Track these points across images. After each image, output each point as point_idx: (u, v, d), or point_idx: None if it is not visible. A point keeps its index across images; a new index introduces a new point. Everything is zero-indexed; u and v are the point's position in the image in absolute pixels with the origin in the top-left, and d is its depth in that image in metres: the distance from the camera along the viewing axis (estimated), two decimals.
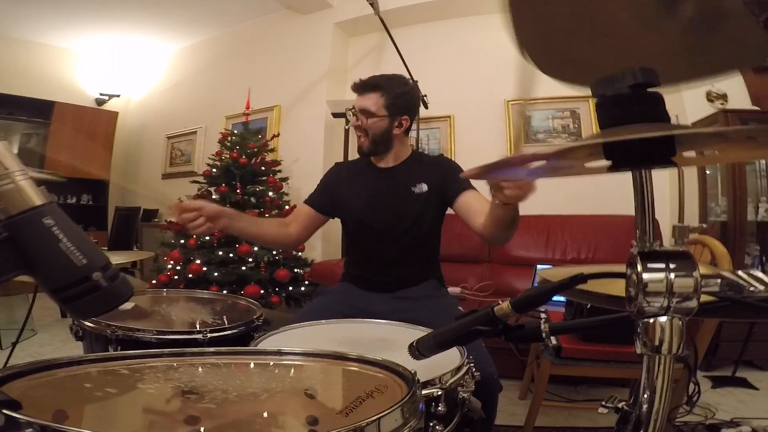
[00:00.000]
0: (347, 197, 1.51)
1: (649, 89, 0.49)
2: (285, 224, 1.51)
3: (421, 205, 1.45)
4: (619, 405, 0.57)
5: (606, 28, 0.58)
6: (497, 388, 1.08)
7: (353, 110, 1.45)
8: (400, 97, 1.43)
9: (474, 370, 0.87)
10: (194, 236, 3.13)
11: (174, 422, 0.59)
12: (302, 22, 4.19)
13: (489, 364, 1.08)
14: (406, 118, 1.45)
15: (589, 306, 1.39)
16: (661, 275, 0.47)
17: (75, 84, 5.45)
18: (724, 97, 2.99)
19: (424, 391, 0.72)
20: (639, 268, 0.48)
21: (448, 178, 1.43)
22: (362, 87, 1.44)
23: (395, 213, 1.45)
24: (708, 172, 2.93)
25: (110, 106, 5.66)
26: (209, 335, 1.05)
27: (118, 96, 5.74)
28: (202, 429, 0.56)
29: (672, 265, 0.47)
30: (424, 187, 1.45)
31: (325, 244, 3.70)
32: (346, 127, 3.60)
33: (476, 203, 1.35)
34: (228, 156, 3.38)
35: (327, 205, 1.53)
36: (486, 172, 0.53)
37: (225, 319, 1.21)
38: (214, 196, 3.32)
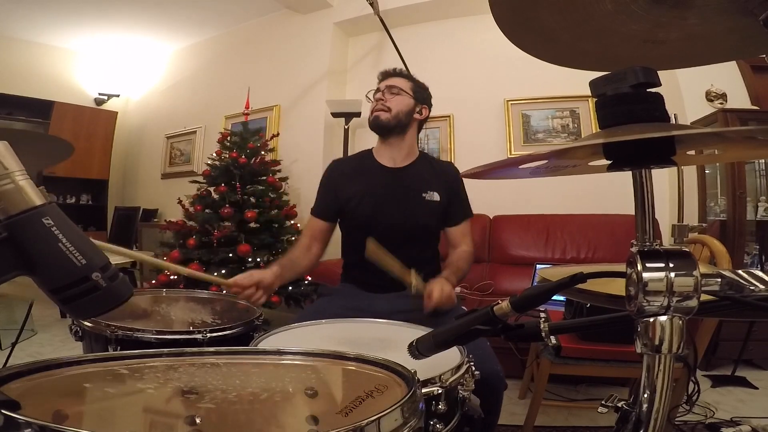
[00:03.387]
0: (352, 196, 1.47)
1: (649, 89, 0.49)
2: (308, 248, 1.50)
3: (432, 215, 1.45)
4: (619, 404, 0.57)
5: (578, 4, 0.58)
6: (502, 387, 1.08)
7: (377, 89, 1.51)
8: (424, 89, 1.56)
9: (474, 368, 0.87)
10: (194, 238, 3.13)
11: (174, 422, 0.59)
12: (302, 22, 4.18)
13: (494, 363, 1.08)
14: (426, 108, 1.53)
15: (588, 305, 1.39)
16: (661, 274, 0.47)
17: (74, 84, 5.45)
18: (723, 96, 2.99)
19: (423, 390, 0.72)
20: (639, 267, 0.48)
21: (456, 197, 1.49)
22: (392, 72, 1.54)
23: (405, 217, 1.43)
24: (707, 171, 2.93)
25: (109, 105, 5.66)
26: (209, 335, 1.05)
27: (118, 96, 5.74)
28: (201, 429, 0.56)
29: (672, 264, 0.47)
30: (436, 197, 1.46)
31: None
32: (346, 127, 3.60)
33: (459, 238, 1.51)
34: (227, 156, 3.38)
35: (333, 211, 1.51)
36: (488, 171, 0.53)
37: (225, 319, 1.20)
38: (213, 196, 3.32)
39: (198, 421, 0.57)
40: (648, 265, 0.48)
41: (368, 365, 0.75)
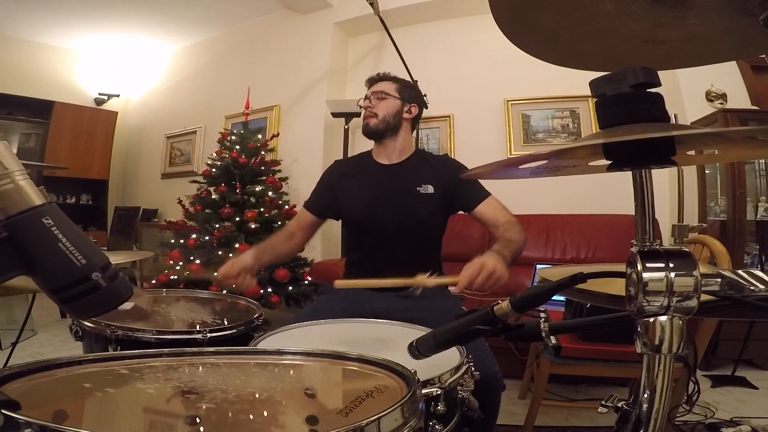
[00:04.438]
0: (349, 195, 1.50)
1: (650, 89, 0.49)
2: (291, 236, 1.53)
3: (427, 207, 1.45)
4: (619, 404, 0.57)
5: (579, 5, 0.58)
6: (500, 387, 1.08)
7: (365, 97, 1.53)
8: (410, 88, 1.56)
9: (473, 369, 0.87)
10: (194, 238, 3.13)
11: (174, 422, 0.59)
12: (302, 22, 4.18)
13: (492, 363, 1.08)
14: (415, 106, 1.54)
15: (588, 305, 1.39)
16: (661, 274, 0.47)
17: (74, 84, 5.44)
18: (723, 96, 2.99)
19: (423, 391, 0.72)
20: (639, 267, 0.48)
21: (460, 184, 1.46)
22: (377, 77, 1.56)
23: (399, 212, 1.44)
24: (707, 171, 2.93)
25: (109, 105, 5.66)
26: (209, 335, 1.05)
27: (118, 96, 5.74)
28: (201, 429, 0.56)
29: (672, 264, 0.47)
30: (430, 189, 1.46)
31: (325, 244, 3.70)
32: (346, 127, 3.60)
33: (493, 214, 1.42)
34: (227, 156, 3.38)
35: (327, 207, 1.53)
36: (488, 172, 0.53)
37: (225, 319, 1.20)
38: (213, 196, 3.32)
39: (198, 421, 0.57)
40: (648, 265, 0.48)
41: (368, 365, 0.75)
